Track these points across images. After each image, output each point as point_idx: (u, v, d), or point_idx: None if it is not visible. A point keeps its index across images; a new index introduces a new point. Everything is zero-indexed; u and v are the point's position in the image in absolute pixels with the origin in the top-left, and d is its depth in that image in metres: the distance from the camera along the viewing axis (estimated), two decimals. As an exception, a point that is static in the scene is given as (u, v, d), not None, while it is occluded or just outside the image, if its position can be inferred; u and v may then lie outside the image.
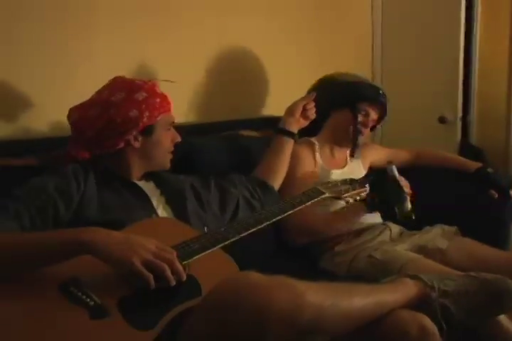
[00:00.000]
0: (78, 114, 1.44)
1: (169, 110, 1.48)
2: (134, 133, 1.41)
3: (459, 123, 2.68)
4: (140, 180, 1.50)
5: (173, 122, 1.51)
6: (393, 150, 2.20)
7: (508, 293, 1.22)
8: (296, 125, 1.85)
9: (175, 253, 1.12)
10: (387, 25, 2.84)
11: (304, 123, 1.88)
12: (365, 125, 1.99)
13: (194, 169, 1.78)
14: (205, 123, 2.08)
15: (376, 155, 2.14)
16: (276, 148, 1.81)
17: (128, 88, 1.43)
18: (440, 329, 1.16)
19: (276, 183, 1.78)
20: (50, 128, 1.71)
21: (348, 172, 1.96)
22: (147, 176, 1.53)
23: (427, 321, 1.14)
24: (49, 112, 1.70)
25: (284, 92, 2.05)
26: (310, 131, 2.00)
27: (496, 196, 1.98)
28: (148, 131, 1.44)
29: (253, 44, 2.27)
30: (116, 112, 1.39)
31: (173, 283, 1.09)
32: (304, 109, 1.85)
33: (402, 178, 1.69)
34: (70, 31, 1.74)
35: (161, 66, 1.96)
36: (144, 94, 1.42)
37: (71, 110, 1.46)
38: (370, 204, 1.68)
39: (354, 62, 2.25)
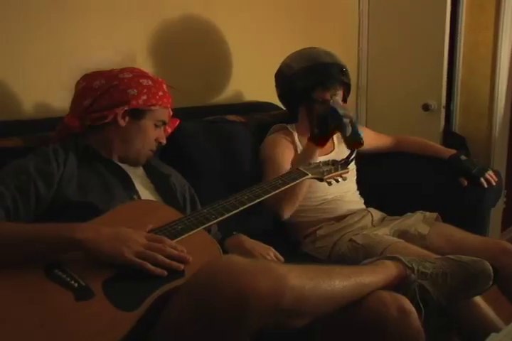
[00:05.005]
0: (85, 83, 1.45)
1: (166, 107, 1.48)
2: (125, 109, 1.41)
3: (443, 111, 2.71)
4: (124, 162, 1.49)
5: (165, 123, 1.50)
6: (378, 133, 2.18)
7: (484, 274, 1.24)
8: None
9: (165, 241, 1.15)
10: (373, 14, 2.86)
11: None
12: None
13: (182, 154, 1.79)
14: (188, 108, 2.08)
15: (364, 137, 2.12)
16: None
17: (138, 73, 1.46)
18: (418, 309, 1.18)
19: None
20: (37, 110, 1.70)
21: (334, 157, 1.84)
22: None
23: (406, 302, 1.15)
24: (36, 94, 1.70)
25: (268, 78, 2.05)
26: (288, 117, 1.98)
27: (466, 184, 1.96)
28: (136, 114, 1.43)
29: (237, 30, 2.27)
30: (117, 86, 1.41)
31: (175, 264, 1.12)
32: None
33: (344, 106, 1.69)
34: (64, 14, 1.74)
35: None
36: (150, 83, 1.44)
37: (81, 78, 1.48)
38: (312, 138, 1.70)
39: (340, 50, 2.25)
